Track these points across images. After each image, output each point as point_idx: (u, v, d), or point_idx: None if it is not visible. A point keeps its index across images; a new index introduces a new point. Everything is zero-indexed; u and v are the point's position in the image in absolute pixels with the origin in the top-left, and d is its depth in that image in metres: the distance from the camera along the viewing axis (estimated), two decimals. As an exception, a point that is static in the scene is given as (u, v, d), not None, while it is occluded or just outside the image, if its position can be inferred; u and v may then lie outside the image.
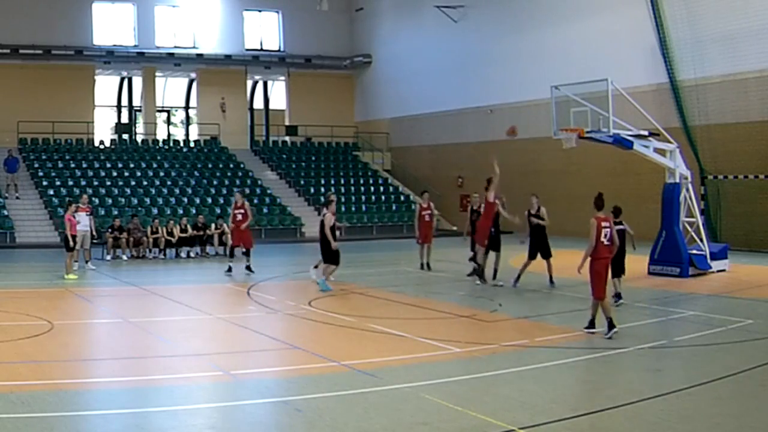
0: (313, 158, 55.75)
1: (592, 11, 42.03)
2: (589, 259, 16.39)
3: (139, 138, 55.24)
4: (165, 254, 34.05)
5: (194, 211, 42.41)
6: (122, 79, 57.54)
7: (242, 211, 27.72)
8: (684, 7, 35.92)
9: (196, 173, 49.53)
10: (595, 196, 16.82)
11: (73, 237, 26.69)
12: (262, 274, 26.79)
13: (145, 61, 54.04)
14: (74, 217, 27.25)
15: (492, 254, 24.50)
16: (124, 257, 33.16)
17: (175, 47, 54.89)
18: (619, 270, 20.08)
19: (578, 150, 28.92)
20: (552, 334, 16.58)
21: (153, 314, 20.25)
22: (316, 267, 24.38)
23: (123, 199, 44.28)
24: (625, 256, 20.53)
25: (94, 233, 30.33)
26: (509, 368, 13.67)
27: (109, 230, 33.61)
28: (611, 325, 16.08)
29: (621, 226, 20.23)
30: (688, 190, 27.09)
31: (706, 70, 35.31)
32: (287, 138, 58.69)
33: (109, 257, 32.76)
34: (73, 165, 47.56)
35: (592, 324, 16.54)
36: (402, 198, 51.46)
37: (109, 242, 33.16)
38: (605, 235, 16.44)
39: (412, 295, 22.60)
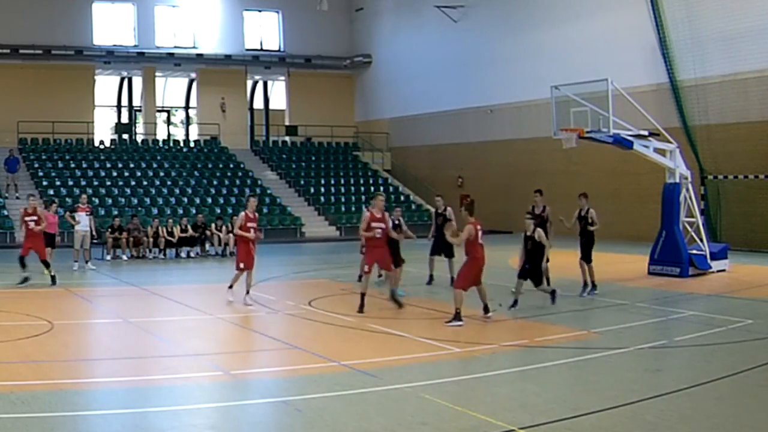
0: (313, 158, 55.79)
1: (593, 11, 42.04)
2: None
3: (139, 138, 55.33)
4: (165, 254, 34.07)
5: (194, 211, 42.42)
6: (122, 79, 57.59)
7: (35, 218, 25.48)
8: (684, 7, 35.92)
9: (196, 173, 49.58)
10: (467, 203, 18.08)
11: (47, 234, 27.07)
12: (262, 274, 26.75)
13: (145, 61, 54.08)
14: (65, 215, 27.79)
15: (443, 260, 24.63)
16: (124, 257, 33.17)
17: (175, 47, 54.94)
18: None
19: (578, 150, 28.92)
20: (552, 334, 16.58)
21: (153, 314, 20.24)
22: (230, 287, 21.44)
23: (123, 199, 44.34)
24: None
25: (94, 233, 30.35)
26: (509, 368, 13.67)
27: (109, 230, 33.62)
28: (486, 309, 17.83)
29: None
30: (688, 190, 27.08)
31: (706, 70, 35.32)
32: (287, 138, 58.75)
33: (109, 257, 32.79)
34: (73, 165, 47.62)
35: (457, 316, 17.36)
36: (402, 198, 51.39)
37: (109, 242, 33.17)
38: (480, 237, 17.91)
39: (412, 295, 22.56)
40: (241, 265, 20.77)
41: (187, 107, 59.97)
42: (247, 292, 20.73)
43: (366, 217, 19.98)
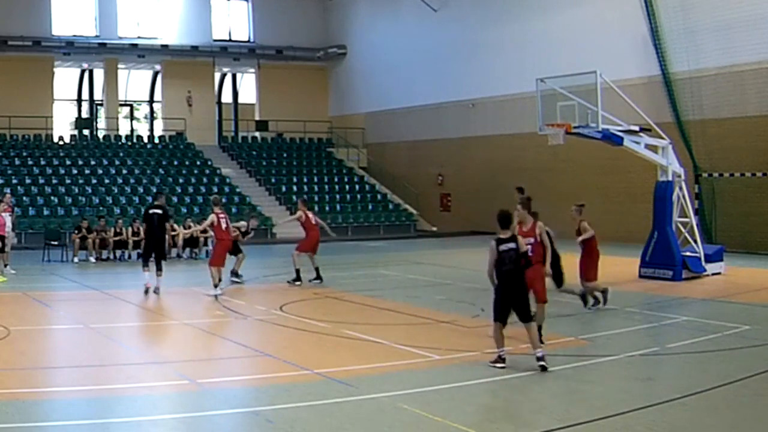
0: (285, 155, 55.68)
1: None
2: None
3: (100, 134, 55.03)
4: (130, 256, 33.93)
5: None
6: (83, 72, 57.14)
7: None
8: (677, -5, 36.08)
9: (160, 171, 49.37)
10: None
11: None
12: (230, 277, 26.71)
13: (107, 52, 53.70)
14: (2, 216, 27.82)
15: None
16: (92, 259, 33.01)
17: (139, 38, 54.62)
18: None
19: (565, 146, 28.92)
20: (538, 341, 16.57)
21: (115, 320, 20.14)
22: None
23: (83, 198, 44.11)
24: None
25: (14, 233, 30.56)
26: (492, 377, 13.66)
27: (76, 231, 33.50)
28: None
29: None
30: (681, 188, 27.15)
31: (701, 62, 35.41)
32: (257, 133, 58.60)
33: (76, 260, 32.69)
34: (30, 162, 47.33)
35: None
36: (379, 197, 51.43)
37: (76, 243, 33.07)
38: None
39: (390, 299, 22.57)
40: None
41: (151, 101, 59.67)
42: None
43: None
